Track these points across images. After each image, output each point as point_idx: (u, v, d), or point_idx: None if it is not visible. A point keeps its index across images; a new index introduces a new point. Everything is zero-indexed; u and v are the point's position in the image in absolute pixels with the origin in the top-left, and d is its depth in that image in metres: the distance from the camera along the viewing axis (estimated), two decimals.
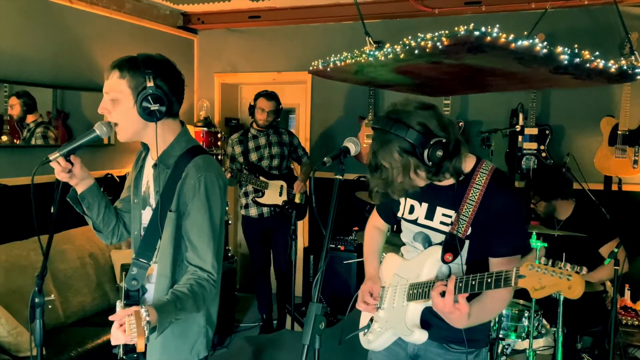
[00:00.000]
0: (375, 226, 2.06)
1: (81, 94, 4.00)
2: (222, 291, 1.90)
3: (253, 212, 4.15)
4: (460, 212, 1.64)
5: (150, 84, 1.60)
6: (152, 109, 1.61)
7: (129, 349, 1.66)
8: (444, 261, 1.64)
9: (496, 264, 1.65)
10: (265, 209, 4.13)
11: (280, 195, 4.13)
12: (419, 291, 1.70)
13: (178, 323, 1.70)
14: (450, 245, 1.64)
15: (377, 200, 1.79)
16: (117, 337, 1.43)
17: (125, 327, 1.40)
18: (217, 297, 1.81)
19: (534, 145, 4.08)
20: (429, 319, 1.75)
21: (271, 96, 4.08)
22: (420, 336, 1.71)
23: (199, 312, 1.67)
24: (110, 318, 1.47)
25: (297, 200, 4.16)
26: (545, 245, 2.71)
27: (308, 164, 4.30)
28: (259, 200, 4.10)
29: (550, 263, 1.35)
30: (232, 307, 4.41)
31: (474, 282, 1.51)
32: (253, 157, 4.11)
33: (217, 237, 1.71)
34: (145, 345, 1.39)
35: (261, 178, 4.09)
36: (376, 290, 1.87)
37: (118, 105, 1.63)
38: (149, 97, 1.60)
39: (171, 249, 1.69)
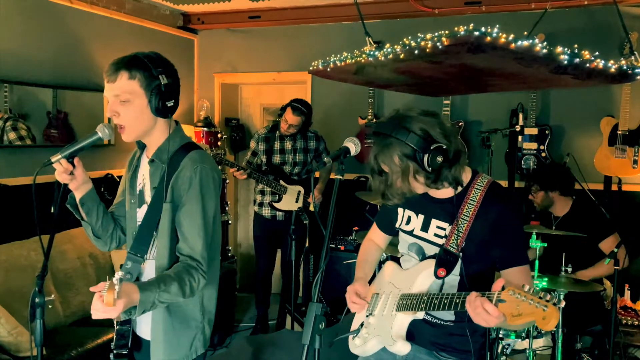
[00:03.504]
0: (372, 239, 2.06)
1: (81, 94, 3.99)
2: (222, 291, 1.90)
3: (266, 212, 4.12)
4: (454, 228, 1.64)
5: (164, 81, 1.64)
6: (168, 105, 1.65)
7: (121, 344, 1.73)
8: (436, 276, 1.64)
9: (508, 274, 1.61)
10: (279, 213, 4.11)
11: (297, 201, 4.09)
12: (408, 302, 1.69)
13: (177, 316, 1.73)
14: (444, 261, 1.63)
15: (389, 203, 1.76)
16: (96, 307, 1.44)
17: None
18: (214, 293, 1.83)
19: (533, 145, 4.08)
20: (419, 326, 1.75)
21: (299, 111, 3.92)
22: (402, 348, 1.70)
23: (184, 297, 1.65)
24: (91, 289, 1.48)
25: (311, 208, 4.11)
26: (545, 245, 2.71)
27: (327, 170, 4.22)
28: (276, 204, 4.06)
29: (530, 291, 1.29)
30: (232, 307, 4.41)
31: (457, 301, 1.50)
32: (276, 159, 4.05)
33: (210, 229, 1.72)
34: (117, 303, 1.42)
35: (281, 182, 4.03)
36: (362, 290, 1.86)
37: (130, 106, 1.64)
38: (166, 94, 1.64)
39: (168, 241, 1.70)
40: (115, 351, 1.75)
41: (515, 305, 1.30)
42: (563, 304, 1.29)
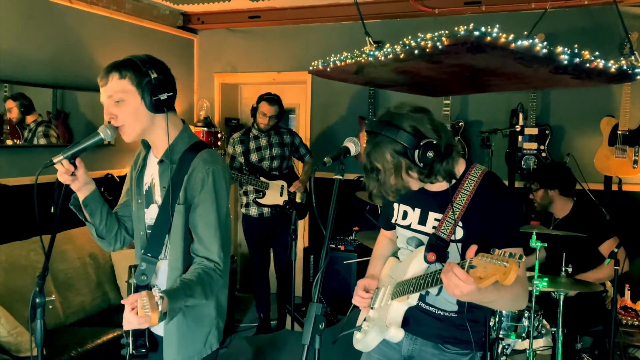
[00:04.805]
0: (384, 235, 2.09)
1: (81, 94, 3.99)
2: None
3: (253, 211, 4.15)
4: (446, 215, 1.66)
5: (154, 75, 1.64)
6: (162, 99, 1.65)
7: (140, 343, 1.72)
8: (426, 261, 1.65)
9: None
10: (265, 209, 4.13)
11: (281, 195, 4.13)
12: (401, 289, 1.71)
13: (191, 315, 1.75)
14: (434, 246, 1.65)
15: (378, 202, 1.80)
16: (130, 320, 1.46)
17: (137, 310, 1.43)
18: (226, 289, 1.86)
19: (534, 145, 4.08)
20: (424, 320, 1.76)
21: (274, 101, 4.05)
22: (395, 333, 1.72)
23: (207, 299, 1.70)
24: (123, 302, 1.50)
25: (298, 199, 4.16)
26: (545, 245, 2.71)
27: (310, 163, 4.29)
28: (259, 200, 4.11)
29: (499, 254, 1.32)
30: (232, 307, 4.41)
31: (438, 276, 1.52)
32: (254, 157, 4.11)
33: (223, 228, 1.74)
34: (161, 320, 1.44)
35: (261, 179, 4.09)
36: (372, 285, 1.89)
37: (124, 105, 1.65)
38: (158, 88, 1.64)
39: (182, 242, 1.72)
40: (134, 351, 1.75)
41: (483, 268, 1.33)
42: (524, 259, 1.30)
